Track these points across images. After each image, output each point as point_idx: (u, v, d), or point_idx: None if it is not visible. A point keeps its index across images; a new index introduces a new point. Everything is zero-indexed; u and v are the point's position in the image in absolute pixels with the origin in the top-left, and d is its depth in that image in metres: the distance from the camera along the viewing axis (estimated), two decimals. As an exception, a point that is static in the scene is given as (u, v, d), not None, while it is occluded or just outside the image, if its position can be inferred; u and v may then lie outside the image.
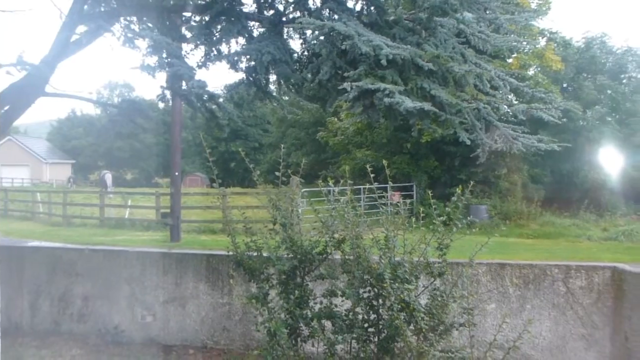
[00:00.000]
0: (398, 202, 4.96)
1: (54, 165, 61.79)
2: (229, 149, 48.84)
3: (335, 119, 26.19)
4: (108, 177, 36.32)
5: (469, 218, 4.75)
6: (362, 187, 8.73)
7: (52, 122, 74.69)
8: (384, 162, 4.89)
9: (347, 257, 4.59)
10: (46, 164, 60.91)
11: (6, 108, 7.00)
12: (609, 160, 22.66)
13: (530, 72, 22.58)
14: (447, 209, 4.45)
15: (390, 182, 5.08)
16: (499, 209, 20.83)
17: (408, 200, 19.41)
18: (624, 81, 25.15)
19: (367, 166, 5.24)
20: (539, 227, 19.52)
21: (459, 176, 20.82)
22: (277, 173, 4.92)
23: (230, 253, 5.10)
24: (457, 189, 4.56)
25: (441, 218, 4.54)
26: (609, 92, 24.24)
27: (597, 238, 17.90)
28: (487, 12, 7.15)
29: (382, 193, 5.14)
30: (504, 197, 21.55)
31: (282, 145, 5.50)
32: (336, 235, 4.63)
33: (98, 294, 8.00)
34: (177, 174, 16.51)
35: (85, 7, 6.94)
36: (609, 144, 22.67)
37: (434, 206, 5.18)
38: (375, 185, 5.03)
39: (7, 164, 57.66)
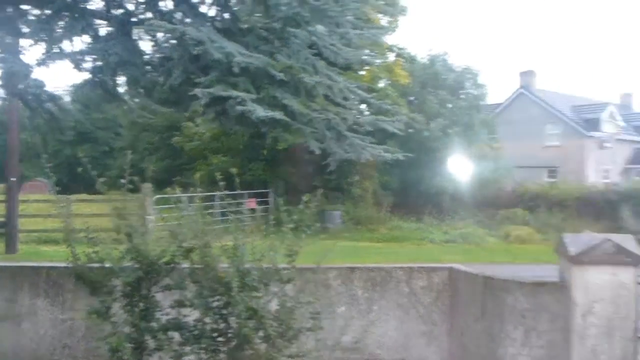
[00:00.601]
0: (254, 208, 5.00)
1: None
2: (76, 153, 45.59)
3: (191, 124, 25.61)
4: None
5: (318, 225, 4.89)
6: (215, 194, 8.63)
7: None
8: (234, 170, 4.87)
9: (195, 266, 4.52)
10: None
11: None
12: (450, 169, 24.66)
13: (381, 84, 23.88)
14: (294, 216, 4.55)
15: (239, 189, 5.07)
16: (352, 214, 21.70)
17: (263, 207, 19.46)
18: (462, 96, 27.45)
19: (220, 173, 5.18)
20: (388, 231, 20.64)
21: (314, 183, 21.36)
22: (122, 180, 4.70)
23: (70, 265, 4.78)
24: (304, 197, 4.67)
25: (290, 225, 4.62)
26: (449, 106, 26.31)
27: (438, 241, 19.33)
28: (339, 27, 7.44)
29: (235, 200, 5.13)
30: (356, 203, 22.48)
31: (129, 152, 5.26)
32: (185, 245, 4.53)
33: None
34: (13, 179, 15.11)
35: None
36: (450, 154, 24.65)
37: (284, 212, 5.25)
38: (231, 192, 5.00)
39: None
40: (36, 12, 7.36)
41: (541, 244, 16.79)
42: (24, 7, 7.34)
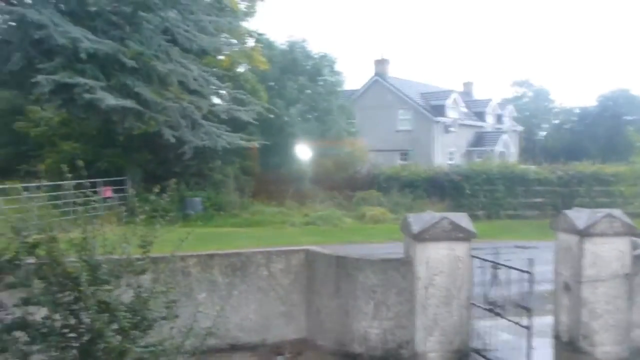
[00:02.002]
0: (109, 197, 4.85)
1: None
2: None
3: (38, 108, 23.68)
4: None
5: (172, 214, 4.89)
6: (65, 183, 8.22)
7: None
8: (80, 162, 4.65)
9: (41, 262, 4.34)
10: None
11: None
12: (309, 153, 25.35)
13: (240, 70, 23.82)
14: (146, 206, 4.52)
15: (92, 177, 4.89)
16: (214, 200, 21.54)
17: (120, 195, 18.57)
18: (320, 83, 28.24)
19: (70, 161, 4.94)
20: (250, 216, 20.81)
21: (173, 169, 20.84)
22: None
23: None
24: (155, 188, 4.65)
25: (142, 216, 4.60)
26: (308, 92, 26.96)
27: (299, 223, 19.88)
28: (192, 13, 7.40)
29: (89, 189, 4.93)
30: (218, 189, 22.34)
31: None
32: (29, 240, 4.33)
33: None
34: None
35: None
36: (309, 139, 25.33)
37: (139, 201, 5.17)
38: (83, 181, 4.77)
39: None
40: None
41: (393, 223, 17.91)
42: None
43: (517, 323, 6.69)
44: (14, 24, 5.85)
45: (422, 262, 7.29)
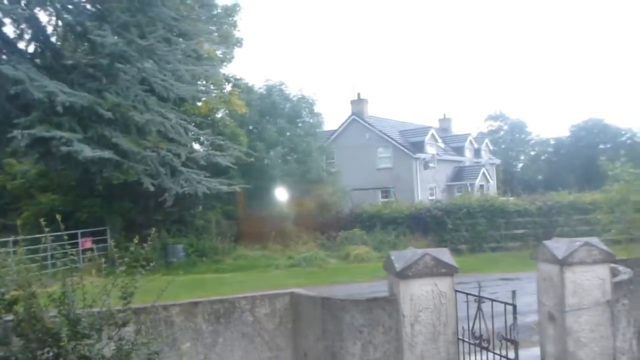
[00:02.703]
0: (90, 248, 4.82)
1: None
2: None
3: (15, 161, 23.49)
4: None
5: (153, 263, 4.85)
6: (44, 236, 8.13)
7: None
8: (58, 214, 4.62)
9: (20, 319, 4.26)
10: None
11: None
12: (291, 195, 25.41)
13: (219, 115, 24.03)
14: (127, 256, 4.49)
15: (72, 229, 4.85)
16: (196, 246, 21.38)
17: (100, 246, 18.35)
18: (300, 125, 28.55)
19: (48, 213, 4.92)
20: (234, 260, 20.67)
21: (155, 217, 20.69)
22: None
23: None
24: (134, 239, 4.63)
25: (122, 267, 4.57)
26: (288, 134, 27.21)
27: (283, 266, 19.78)
28: (169, 63, 7.51)
29: (68, 241, 4.91)
30: (199, 235, 22.19)
31: None
32: (7, 297, 4.26)
33: None
34: None
35: None
36: (290, 180, 25.43)
37: (119, 251, 5.14)
38: (62, 233, 4.74)
39: None
40: None
41: (378, 261, 17.89)
42: None
43: (504, 357, 6.68)
44: (-11, 80, 5.90)
45: (407, 300, 7.29)
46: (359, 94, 40.87)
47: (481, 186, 40.97)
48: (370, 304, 7.64)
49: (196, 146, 11.92)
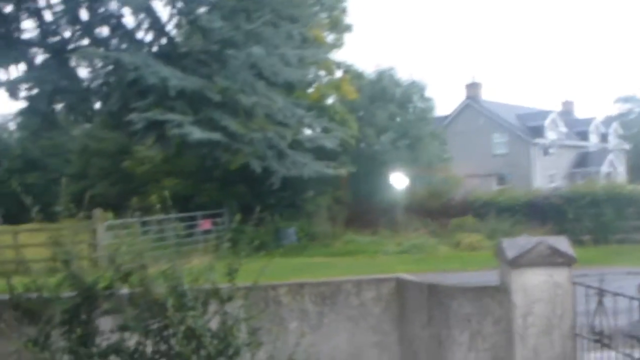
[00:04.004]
0: (209, 229, 5.03)
1: None
2: (25, 182, 44.34)
3: (141, 148, 25.33)
4: None
5: (256, 243, 4.95)
6: (166, 217, 8.66)
7: None
8: (164, 193, 4.87)
9: (134, 290, 4.53)
10: None
11: None
12: (401, 181, 25.11)
13: (330, 101, 24.24)
14: (226, 236, 4.62)
15: (193, 211, 5.09)
16: (306, 230, 21.80)
17: (218, 227, 19.31)
18: (410, 110, 28.10)
19: (172, 196, 5.20)
20: (343, 245, 20.81)
21: (268, 201, 21.37)
22: (55, 207, 4.68)
23: (7, 297, 4.71)
24: (235, 216, 4.75)
25: (227, 244, 4.70)
26: (398, 119, 26.88)
27: (392, 252, 19.60)
28: (277, 48, 7.62)
29: (189, 222, 5.17)
30: (310, 219, 22.61)
31: (64, 178, 5.25)
32: (122, 269, 4.55)
33: None
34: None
35: None
36: (401, 167, 25.12)
37: (230, 231, 5.32)
38: (184, 215, 5.02)
39: None
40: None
41: (490, 250, 17.20)
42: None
43: (628, 355, 6.13)
44: (111, 67, 6.31)
45: (519, 290, 6.88)
46: (473, 78, 39.42)
47: (608, 173, 38.03)
48: (480, 292, 7.31)
49: (305, 131, 12.12)
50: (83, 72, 7.12)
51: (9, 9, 7.01)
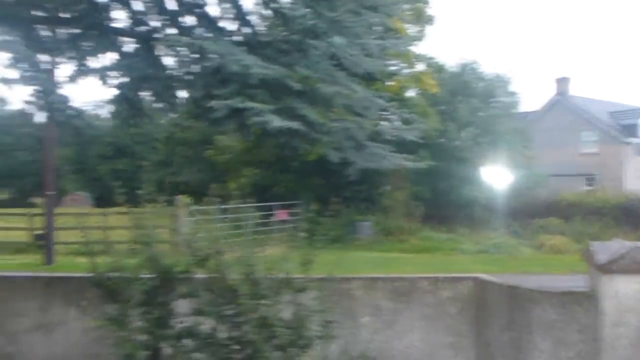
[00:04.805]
0: (285, 219, 5.04)
1: None
2: (115, 168, 46.77)
3: (223, 137, 26.02)
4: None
5: (328, 235, 4.88)
6: (244, 205, 8.73)
7: None
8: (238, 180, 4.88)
9: (209, 275, 4.59)
10: None
11: None
12: (482, 178, 24.33)
13: (410, 94, 23.81)
14: (301, 227, 4.56)
15: (270, 201, 5.11)
16: (382, 225, 21.60)
17: (293, 218, 19.50)
18: (493, 105, 27.10)
19: (251, 185, 5.24)
20: (419, 241, 20.44)
21: (344, 194, 21.33)
22: (139, 192, 4.84)
23: (91, 275, 4.91)
24: (312, 206, 4.69)
25: (303, 234, 4.66)
26: (480, 114, 26.02)
27: (470, 251, 19.03)
28: (358, 37, 7.47)
29: (266, 212, 5.21)
30: (386, 214, 22.38)
31: (145, 164, 5.43)
32: (199, 253, 4.61)
33: (-51, 324, 7.35)
34: (51, 193, 15.58)
35: None
36: (482, 163, 24.33)
37: (305, 222, 5.29)
38: (262, 204, 5.08)
39: None
40: (65, 31, 7.68)
41: (576, 254, 16.32)
42: (55, 27, 7.68)
43: None
44: (195, 55, 6.43)
45: (609, 297, 6.43)
46: (561, 73, 37.60)
47: None
48: (565, 297, 6.92)
49: (384, 123, 11.93)
50: (168, 61, 7.29)
51: (100, -1, 7.25)
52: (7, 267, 14.24)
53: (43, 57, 7.41)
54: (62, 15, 7.60)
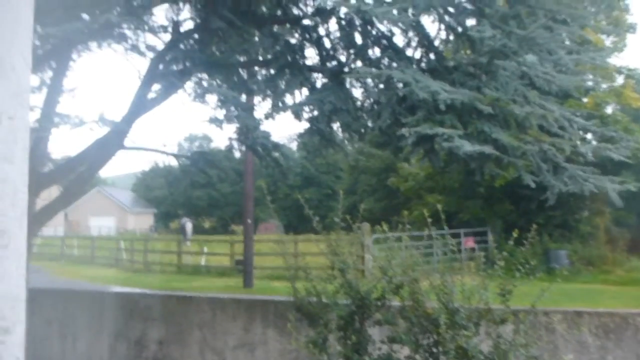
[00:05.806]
0: (473, 247, 4.91)
1: (138, 214, 64.87)
2: (303, 196, 49.54)
3: (406, 165, 26.16)
4: (188, 225, 37.69)
5: (529, 266, 4.58)
6: (429, 233, 8.68)
7: (137, 174, 78.68)
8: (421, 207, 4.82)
9: (405, 303, 4.57)
10: (130, 213, 63.98)
11: (89, 162, 7.56)
12: None
13: (609, 110, 21.74)
14: (503, 253, 4.34)
15: (455, 228, 5.00)
16: (581, 254, 19.80)
17: (481, 246, 18.88)
18: None
19: (432, 212, 5.22)
20: (625, 273, 18.36)
21: (535, 220, 19.98)
22: (335, 219, 5.02)
23: (292, 299, 5.19)
24: (513, 233, 4.45)
25: (501, 263, 4.44)
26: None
27: (692, 284, 16.64)
28: (551, 54, 7.04)
29: (451, 240, 5.13)
30: (585, 242, 20.50)
31: (341, 191, 5.64)
32: (394, 281, 4.62)
33: (171, 338, 8.25)
34: (249, 221, 16.93)
35: (160, 67, 7.45)
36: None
37: (495, 251, 5.07)
38: (447, 231, 5.02)
39: (95, 214, 61.01)
40: (263, 72, 8.39)
41: None
42: (254, 69, 8.43)
43: None
44: (382, 85, 6.56)
45: None
46: None
47: None
48: None
49: (583, 143, 10.89)
50: (357, 92, 7.55)
51: (294, 40, 7.80)
52: (214, 289, 15.74)
53: (244, 97, 8.15)
54: (260, 58, 8.33)
